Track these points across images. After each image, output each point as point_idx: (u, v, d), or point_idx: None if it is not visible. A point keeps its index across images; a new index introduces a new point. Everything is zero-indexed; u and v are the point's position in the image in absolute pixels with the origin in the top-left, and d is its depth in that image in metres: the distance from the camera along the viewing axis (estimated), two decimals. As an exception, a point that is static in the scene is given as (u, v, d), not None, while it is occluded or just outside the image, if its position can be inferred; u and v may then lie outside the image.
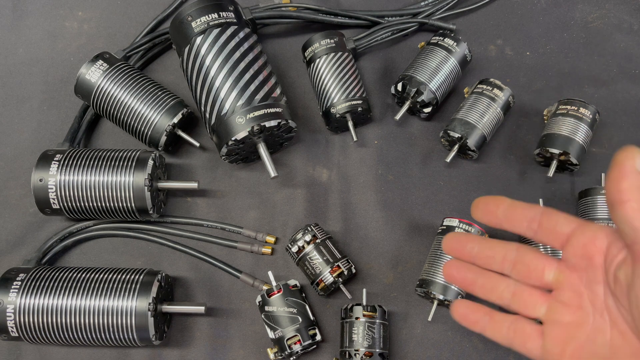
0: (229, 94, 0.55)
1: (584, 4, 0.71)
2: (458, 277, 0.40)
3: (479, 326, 0.40)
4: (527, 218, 0.37)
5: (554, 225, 0.36)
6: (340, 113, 0.60)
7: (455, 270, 0.40)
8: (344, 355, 0.52)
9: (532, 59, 0.68)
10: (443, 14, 0.69)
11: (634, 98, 0.65)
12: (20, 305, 0.52)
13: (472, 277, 0.40)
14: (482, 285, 0.39)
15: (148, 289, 0.52)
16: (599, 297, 0.34)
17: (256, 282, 0.57)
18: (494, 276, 0.39)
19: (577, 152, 0.57)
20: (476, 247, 0.39)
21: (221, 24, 0.57)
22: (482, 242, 0.40)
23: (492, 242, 0.40)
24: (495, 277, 0.39)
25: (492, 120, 0.60)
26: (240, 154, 0.60)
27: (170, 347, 0.57)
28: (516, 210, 0.37)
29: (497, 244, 0.39)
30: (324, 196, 0.62)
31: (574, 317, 0.36)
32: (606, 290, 0.34)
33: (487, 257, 0.39)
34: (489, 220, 0.38)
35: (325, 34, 0.63)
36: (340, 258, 0.56)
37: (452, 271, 0.41)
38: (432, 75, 0.61)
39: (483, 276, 0.40)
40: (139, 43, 0.66)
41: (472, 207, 0.39)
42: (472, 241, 0.40)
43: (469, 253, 0.40)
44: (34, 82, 0.69)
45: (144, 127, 0.60)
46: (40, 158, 0.57)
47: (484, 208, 0.39)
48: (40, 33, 0.71)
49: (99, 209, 0.56)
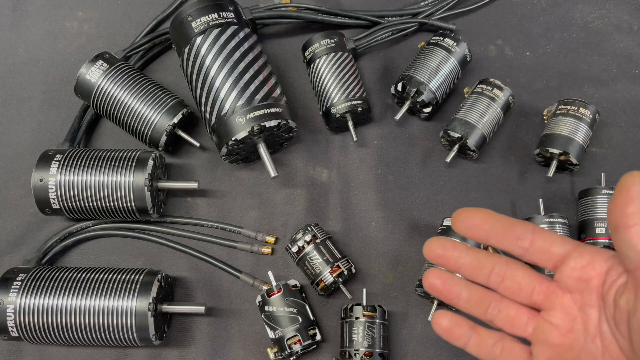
0: (229, 94, 0.55)
1: (584, 4, 0.71)
2: (442, 290, 0.38)
3: (461, 341, 0.38)
4: (516, 235, 0.35)
5: (549, 245, 0.35)
6: (340, 113, 0.60)
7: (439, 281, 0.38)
8: (344, 355, 0.52)
9: (532, 59, 0.68)
10: (443, 14, 0.69)
11: (634, 98, 0.65)
12: (20, 305, 0.52)
13: (457, 291, 0.37)
14: (466, 299, 0.37)
15: (148, 289, 0.52)
16: (593, 321, 0.34)
17: (256, 282, 0.57)
18: (480, 290, 0.37)
19: (577, 152, 0.57)
20: (462, 256, 0.37)
21: (221, 24, 0.57)
22: (470, 253, 0.37)
23: (480, 253, 0.37)
24: (481, 291, 0.37)
25: (492, 120, 0.60)
26: (240, 154, 0.60)
27: (170, 347, 0.57)
28: (505, 226, 0.35)
29: (485, 256, 0.37)
30: (324, 196, 0.62)
31: (564, 340, 0.34)
32: (601, 315, 0.33)
33: (474, 268, 0.37)
34: (472, 234, 0.36)
35: (325, 34, 0.63)
36: (340, 258, 0.56)
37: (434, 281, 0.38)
38: (432, 75, 0.61)
39: (468, 289, 0.37)
40: (139, 43, 0.66)
41: (454, 218, 0.36)
42: (458, 249, 0.37)
43: (454, 262, 0.37)
44: (34, 82, 0.69)
45: (144, 127, 0.60)
46: (40, 158, 0.57)
47: (467, 221, 0.36)
48: (40, 33, 0.71)
49: (99, 209, 0.56)
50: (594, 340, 0.33)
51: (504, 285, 0.37)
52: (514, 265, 0.37)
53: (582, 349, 0.34)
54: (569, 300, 0.35)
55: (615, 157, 0.62)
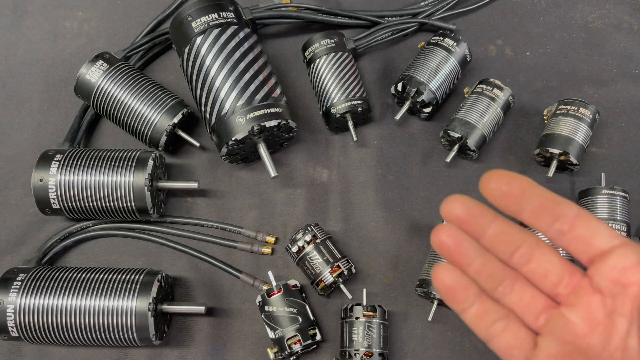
0: (229, 94, 0.55)
1: (584, 4, 0.71)
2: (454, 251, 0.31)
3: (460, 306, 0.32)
4: (556, 215, 0.30)
5: (592, 235, 0.29)
6: (340, 113, 0.60)
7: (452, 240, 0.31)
8: (344, 355, 0.52)
9: (532, 59, 0.68)
10: (443, 14, 0.69)
11: (634, 98, 0.65)
12: (20, 305, 0.52)
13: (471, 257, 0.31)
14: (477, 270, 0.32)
15: (148, 289, 0.52)
16: (619, 332, 0.29)
17: (256, 282, 0.57)
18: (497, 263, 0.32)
19: (577, 152, 0.57)
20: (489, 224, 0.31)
21: (221, 24, 0.57)
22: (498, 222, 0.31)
23: (511, 226, 0.31)
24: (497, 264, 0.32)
25: (492, 120, 0.60)
26: (240, 154, 0.60)
27: (170, 347, 0.57)
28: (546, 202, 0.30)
29: (515, 230, 0.31)
30: (324, 196, 0.62)
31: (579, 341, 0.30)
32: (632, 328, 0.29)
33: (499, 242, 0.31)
34: (504, 203, 0.30)
35: (325, 34, 0.63)
36: (340, 258, 0.56)
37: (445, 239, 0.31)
38: (432, 75, 0.61)
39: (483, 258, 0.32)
40: (139, 43, 0.66)
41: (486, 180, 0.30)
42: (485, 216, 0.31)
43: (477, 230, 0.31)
44: (34, 82, 0.69)
45: (144, 127, 0.60)
46: (40, 158, 0.57)
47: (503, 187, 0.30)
48: (40, 33, 0.71)
49: (99, 209, 0.56)
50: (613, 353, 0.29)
51: (528, 268, 0.31)
52: (545, 249, 0.31)
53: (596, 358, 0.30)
54: (597, 302, 0.30)
55: (615, 157, 0.62)
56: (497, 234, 0.31)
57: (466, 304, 0.32)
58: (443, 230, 0.31)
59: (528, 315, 0.32)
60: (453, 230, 0.31)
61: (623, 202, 0.55)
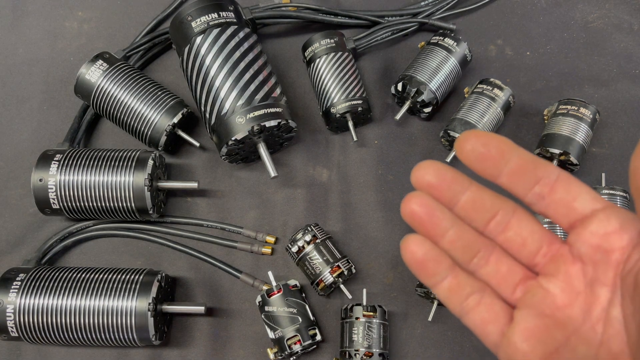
0: (229, 94, 0.55)
1: (584, 4, 0.71)
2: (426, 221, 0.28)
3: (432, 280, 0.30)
4: (536, 177, 0.27)
5: (573, 198, 0.27)
6: (340, 113, 0.60)
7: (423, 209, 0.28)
8: (344, 355, 0.52)
9: (532, 59, 0.68)
10: (443, 14, 0.69)
11: (634, 98, 0.65)
12: (20, 305, 0.52)
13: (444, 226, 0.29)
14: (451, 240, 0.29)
15: (148, 289, 0.52)
16: (601, 303, 0.27)
17: (256, 282, 0.57)
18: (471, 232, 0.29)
19: (577, 152, 0.57)
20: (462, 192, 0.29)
21: (221, 23, 0.57)
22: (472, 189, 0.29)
23: (485, 192, 0.29)
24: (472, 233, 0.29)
25: (492, 120, 0.60)
26: (240, 154, 0.60)
27: (170, 347, 0.57)
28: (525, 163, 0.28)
29: (490, 197, 0.29)
30: (324, 196, 0.62)
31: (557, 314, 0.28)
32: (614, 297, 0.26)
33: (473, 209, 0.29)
34: (481, 167, 0.28)
35: (325, 34, 0.63)
36: (340, 258, 0.55)
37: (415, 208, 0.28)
38: (432, 75, 0.61)
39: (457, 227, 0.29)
40: (139, 43, 0.66)
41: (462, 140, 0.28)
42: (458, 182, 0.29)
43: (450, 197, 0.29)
44: (34, 82, 0.69)
45: (144, 127, 0.60)
46: (40, 158, 0.57)
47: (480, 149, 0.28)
48: (40, 33, 0.71)
49: (99, 209, 0.56)
50: (594, 326, 0.27)
51: (505, 237, 0.29)
52: (522, 215, 0.29)
53: (575, 332, 0.27)
54: (577, 270, 0.28)
55: (615, 157, 0.62)
56: (471, 201, 0.29)
57: (438, 278, 0.30)
58: (414, 199, 0.28)
59: (505, 288, 0.30)
60: (425, 199, 0.28)
61: (623, 202, 0.55)
